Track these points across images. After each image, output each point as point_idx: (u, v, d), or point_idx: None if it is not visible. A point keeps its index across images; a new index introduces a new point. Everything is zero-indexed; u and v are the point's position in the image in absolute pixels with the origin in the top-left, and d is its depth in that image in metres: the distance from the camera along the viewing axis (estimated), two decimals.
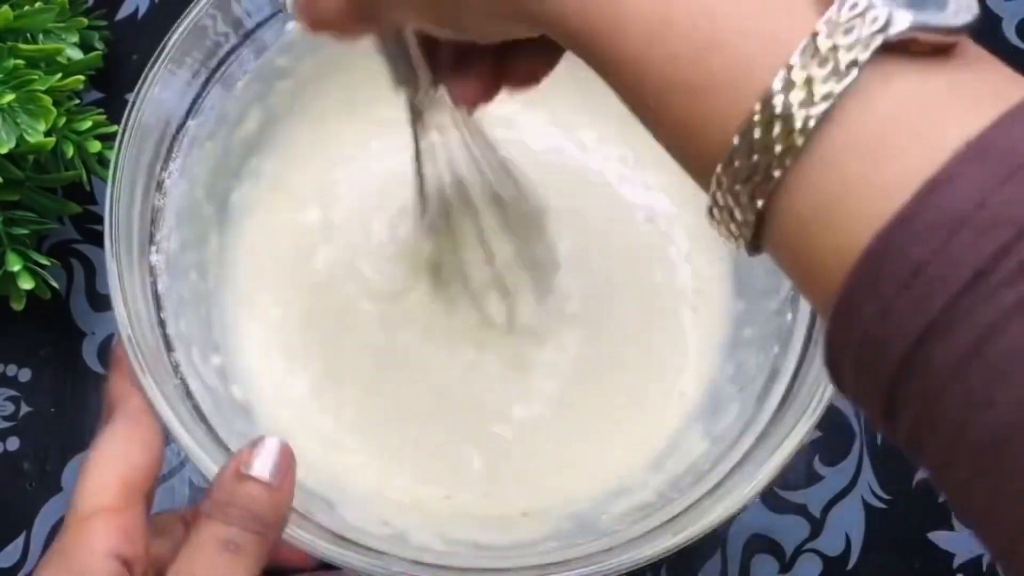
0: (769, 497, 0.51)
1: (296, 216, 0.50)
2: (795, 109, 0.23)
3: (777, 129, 0.23)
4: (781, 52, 0.23)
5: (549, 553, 0.41)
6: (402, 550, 0.38)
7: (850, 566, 0.51)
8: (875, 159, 0.22)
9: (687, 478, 0.43)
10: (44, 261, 0.49)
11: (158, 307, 0.43)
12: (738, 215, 0.25)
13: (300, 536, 0.38)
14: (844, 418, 0.53)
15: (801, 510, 0.52)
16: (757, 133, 0.23)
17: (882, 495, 0.52)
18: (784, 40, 0.23)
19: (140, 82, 0.43)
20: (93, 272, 0.53)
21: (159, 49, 0.43)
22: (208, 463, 0.38)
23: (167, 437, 0.38)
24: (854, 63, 0.22)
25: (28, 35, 0.48)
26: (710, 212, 0.26)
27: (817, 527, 0.51)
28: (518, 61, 0.34)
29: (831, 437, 0.52)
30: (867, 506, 0.52)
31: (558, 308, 0.48)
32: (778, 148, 0.23)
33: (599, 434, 0.47)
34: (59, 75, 0.47)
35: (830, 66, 0.23)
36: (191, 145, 0.46)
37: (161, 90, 0.43)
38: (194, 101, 0.46)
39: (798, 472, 0.52)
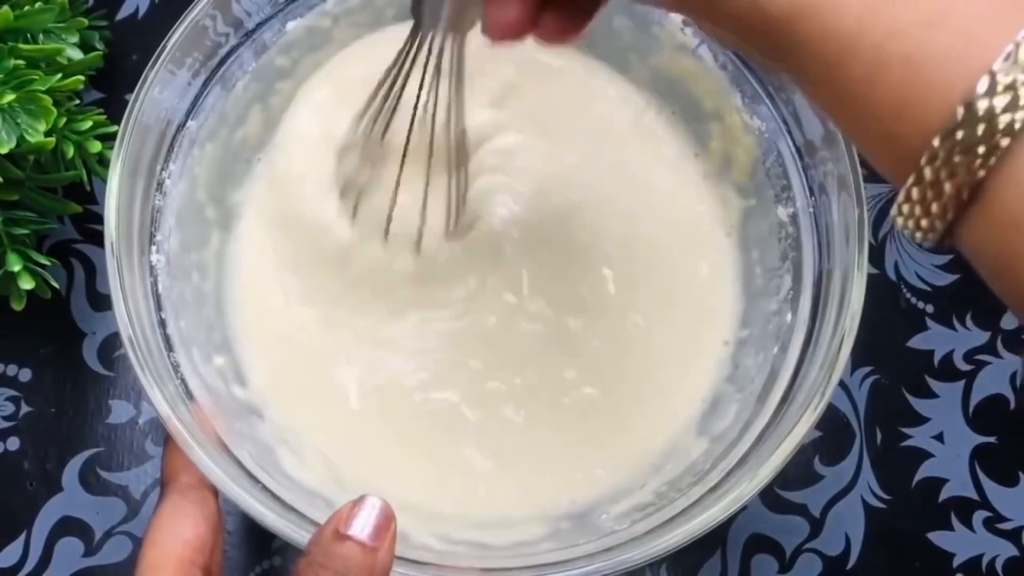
0: (769, 497, 0.51)
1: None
2: None
3: (1006, 99, 0.23)
4: (1006, 23, 0.24)
5: (549, 553, 0.41)
6: (402, 550, 0.38)
7: (850, 566, 0.51)
8: None
9: (687, 478, 0.43)
10: (44, 261, 0.49)
11: (158, 307, 0.43)
12: (948, 189, 0.25)
13: (301, 536, 0.38)
14: (844, 418, 0.53)
15: (801, 510, 0.52)
16: (984, 103, 0.24)
17: (882, 495, 0.52)
18: (1006, 9, 0.24)
19: (140, 82, 0.43)
20: (93, 272, 0.53)
21: (159, 49, 0.43)
22: (209, 465, 0.38)
23: (219, 506, 0.39)
24: None
25: (28, 35, 0.48)
26: (907, 195, 0.26)
27: (817, 527, 0.51)
28: (556, 14, 0.33)
29: (831, 437, 0.52)
30: (867, 506, 0.52)
31: (556, 310, 0.48)
32: (1007, 118, 0.23)
33: (598, 434, 0.47)
34: (59, 75, 0.47)
35: None
36: (191, 145, 0.46)
37: (161, 90, 0.43)
38: (194, 101, 0.46)
39: (798, 472, 0.52)
